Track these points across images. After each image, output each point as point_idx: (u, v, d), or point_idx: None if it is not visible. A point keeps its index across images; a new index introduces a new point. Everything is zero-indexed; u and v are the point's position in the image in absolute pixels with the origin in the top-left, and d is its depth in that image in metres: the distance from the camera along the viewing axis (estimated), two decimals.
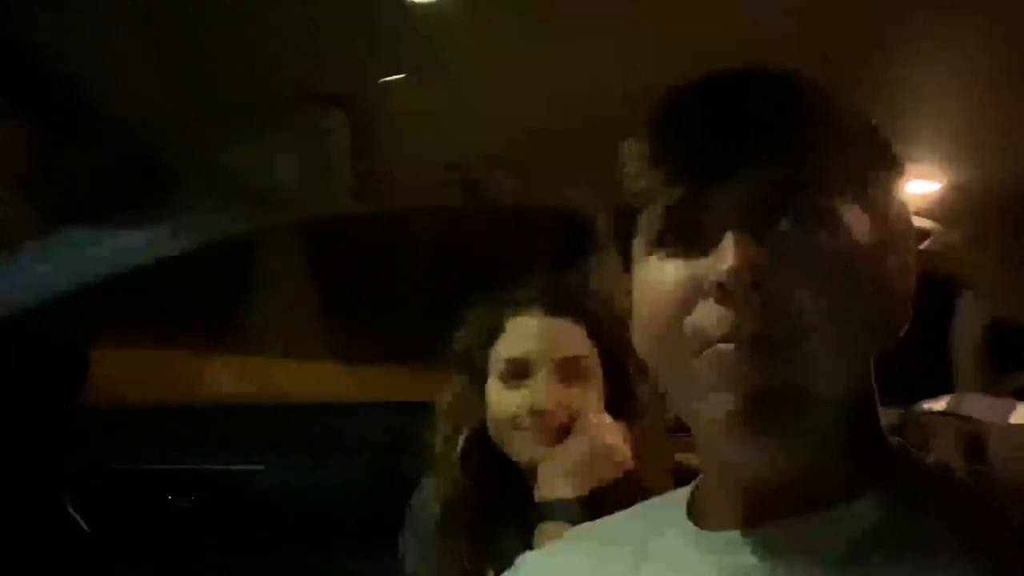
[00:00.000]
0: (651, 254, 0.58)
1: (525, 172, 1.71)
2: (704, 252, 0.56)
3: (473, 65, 1.36)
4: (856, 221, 0.56)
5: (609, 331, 1.25)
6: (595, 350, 1.25)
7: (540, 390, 1.21)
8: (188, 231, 1.68)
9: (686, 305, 0.56)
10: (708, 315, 0.55)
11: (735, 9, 1.19)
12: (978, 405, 1.50)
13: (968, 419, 1.46)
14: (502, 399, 1.23)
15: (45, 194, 1.64)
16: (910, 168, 0.66)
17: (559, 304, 1.25)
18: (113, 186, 1.63)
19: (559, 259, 1.90)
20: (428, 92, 1.43)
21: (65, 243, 1.66)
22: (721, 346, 0.54)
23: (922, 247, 0.62)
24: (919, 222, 1.73)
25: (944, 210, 1.81)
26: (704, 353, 0.55)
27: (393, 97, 1.43)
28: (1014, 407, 1.47)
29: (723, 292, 0.54)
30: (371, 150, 1.56)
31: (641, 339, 0.60)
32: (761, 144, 0.56)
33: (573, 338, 1.24)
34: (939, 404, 1.53)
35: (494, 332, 1.26)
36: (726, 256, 0.54)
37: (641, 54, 1.29)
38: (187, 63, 1.36)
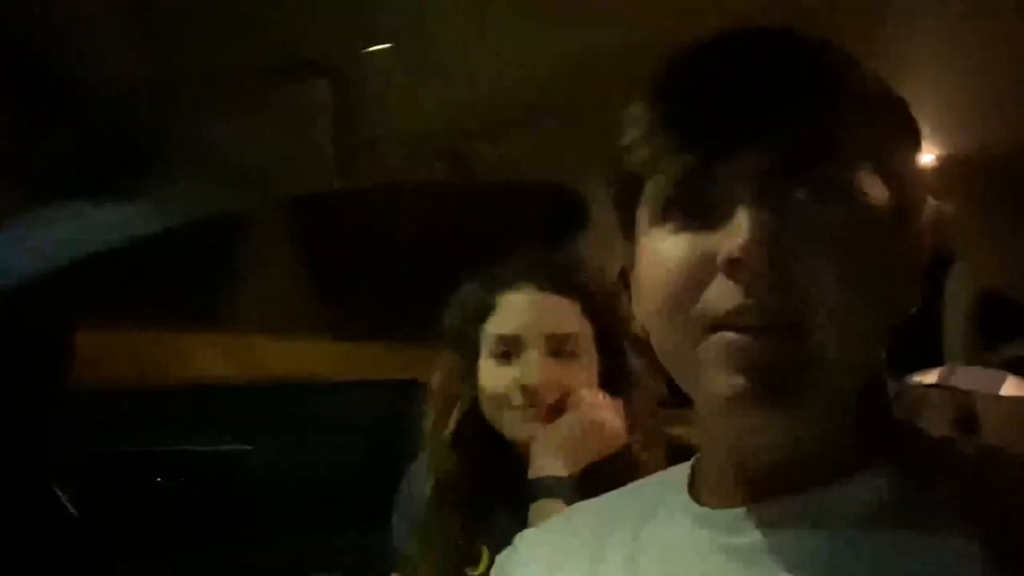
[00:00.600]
0: (658, 226, 0.56)
1: (515, 144, 1.69)
2: (714, 225, 0.54)
3: (460, 35, 1.33)
4: (874, 194, 0.54)
5: (602, 306, 1.24)
6: (588, 326, 1.23)
7: (531, 366, 1.20)
8: (171, 208, 1.65)
9: (695, 281, 0.54)
10: (719, 292, 0.53)
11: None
12: (969, 377, 1.51)
13: (959, 391, 1.46)
14: (494, 376, 1.22)
15: (24, 172, 1.61)
16: None
17: (550, 280, 1.24)
18: (94, 163, 1.60)
19: (551, 234, 1.89)
20: (414, 62, 1.40)
21: (45, 222, 1.63)
22: (730, 333, 0.52)
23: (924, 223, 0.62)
24: None
25: (935, 182, 1.81)
26: (714, 336, 0.53)
27: (378, 68, 1.40)
28: (1005, 379, 1.47)
29: (736, 268, 0.52)
30: (356, 123, 1.54)
31: (646, 313, 0.58)
32: (776, 112, 0.53)
33: (565, 314, 1.23)
34: (930, 376, 1.53)
35: (485, 309, 1.25)
36: (740, 230, 0.52)
37: (636, 18, 1.26)
38: (168, 36, 1.34)
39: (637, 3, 1.25)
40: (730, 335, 0.52)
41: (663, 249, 0.55)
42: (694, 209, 0.54)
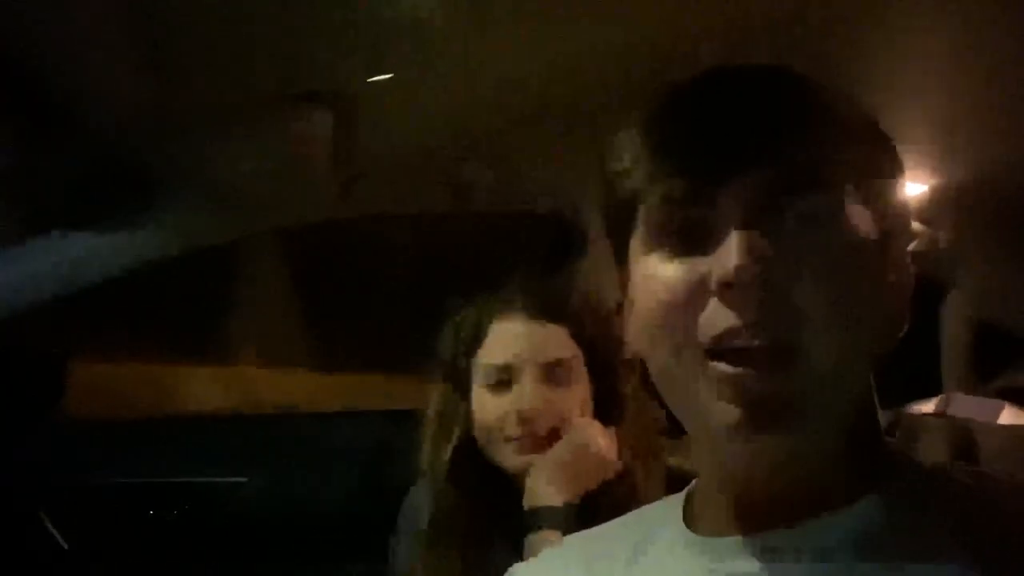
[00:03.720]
0: (651, 251, 0.57)
1: (513, 169, 1.69)
2: (706, 250, 0.55)
3: (460, 64, 1.34)
4: (860, 219, 0.56)
5: (594, 332, 1.24)
6: (580, 352, 1.23)
7: (525, 395, 1.19)
8: (169, 237, 1.65)
9: (689, 305, 0.55)
10: (713, 315, 0.54)
11: (721, 5, 1.18)
12: (967, 406, 1.51)
13: (957, 420, 1.46)
14: (488, 406, 1.21)
15: (20, 199, 1.61)
16: None
17: (542, 307, 1.24)
18: (91, 191, 1.60)
19: (545, 261, 1.88)
20: (413, 91, 1.41)
21: (41, 250, 1.63)
22: (725, 364, 0.53)
23: (908, 248, 0.62)
24: None
25: (929, 211, 1.81)
26: (710, 366, 0.54)
27: (378, 97, 1.41)
28: (1003, 407, 1.48)
29: (730, 291, 0.53)
30: (357, 150, 1.54)
31: (641, 338, 0.59)
32: (765, 141, 0.55)
33: (557, 341, 1.22)
34: (928, 406, 1.53)
35: (477, 338, 1.24)
36: (732, 255, 0.53)
37: (626, 47, 1.28)
38: (167, 64, 1.34)
39: (633, 32, 1.26)
40: (726, 366, 0.53)
41: (657, 274, 0.56)
42: (687, 234, 0.55)
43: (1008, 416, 1.47)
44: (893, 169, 0.61)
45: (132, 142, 1.50)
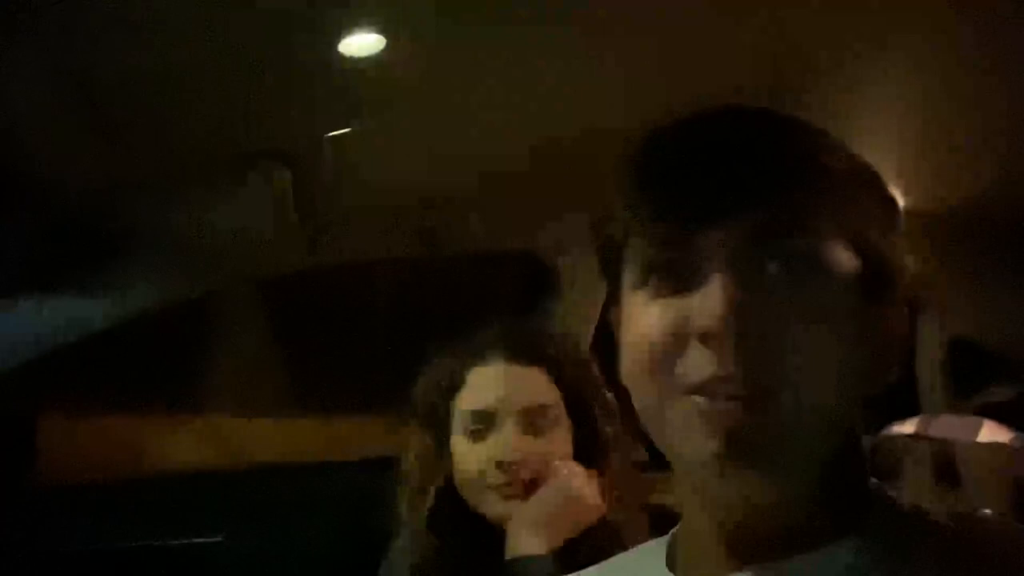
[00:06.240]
0: (638, 291, 0.57)
1: (480, 216, 1.69)
2: (690, 292, 0.55)
3: (418, 113, 1.34)
4: (846, 265, 0.55)
5: (573, 375, 1.23)
6: (560, 396, 1.22)
7: (505, 442, 1.17)
8: (135, 296, 1.64)
9: (672, 348, 0.55)
10: (694, 360, 0.54)
11: (692, 41, 1.19)
12: (946, 425, 1.51)
13: (937, 441, 1.46)
14: (468, 454, 1.20)
15: None
16: None
17: (520, 351, 1.22)
18: (56, 255, 1.58)
19: (521, 304, 1.88)
20: (373, 143, 1.41)
21: (9, 314, 1.60)
22: (703, 399, 0.53)
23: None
24: None
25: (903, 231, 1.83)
26: (689, 400, 0.54)
27: (339, 150, 1.41)
28: (981, 425, 1.48)
29: (710, 339, 0.53)
30: (320, 203, 1.54)
31: (628, 376, 0.59)
32: (747, 185, 0.55)
33: (536, 385, 1.21)
34: (908, 427, 1.53)
35: (455, 384, 1.23)
36: (713, 302, 0.53)
37: (599, 96, 1.28)
38: (125, 127, 1.34)
39: (597, 84, 1.27)
40: (703, 401, 0.53)
41: (643, 314, 0.57)
42: (672, 276, 0.56)
43: (987, 433, 1.47)
44: (885, 218, 0.59)
45: (96, 206, 1.49)
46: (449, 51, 1.19)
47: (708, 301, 0.53)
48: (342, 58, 1.17)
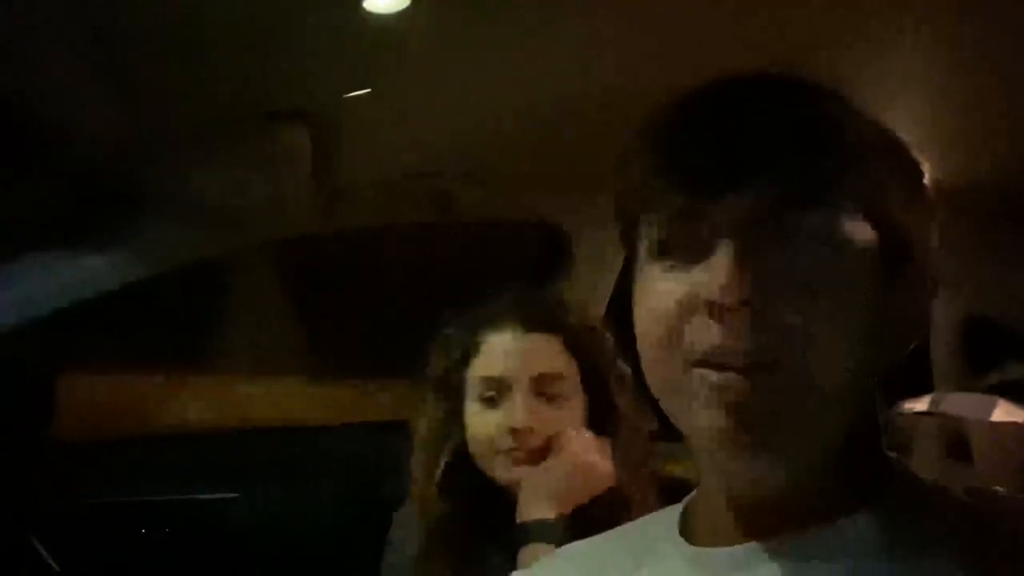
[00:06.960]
0: (652, 263, 0.57)
1: (496, 183, 1.69)
2: (702, 263, 0.54)
3: (438, 76, 1.33)
4: (863, 238, 0.54)
5: (586, 344, 1.23)
6: (573, 364, 1.22)
7: (518, 408, 1.18)
8: (153, 255, 1.64)
9: (682, 319, 0.55)
10: (701, 330, 0.54)
11: (709, 11, 1.17)
12: (959, 403, 1.51)
13: (951, 418, 1.46)
14: (480, 420, 1.21)
15: (5, 222, 1.60)
16: None
17: (534, 319, 1.23)
18: (75, 212, 1.59)
19: (535, 272, 1.88)
20: (393, 105, 1.40)
21: (28, 270, 1.62)
22: (711, 371, 0.53)
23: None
24: None
25: None
26: (697, 372, 0.54)
27: (358, 111, 1.40)
28: (995, 404, 1.47)
29: (716, 309, 0.53)
30: (337, 166, 1.53)
31: (641, 347, 0.59)
32: (763, 157, 0.54)
33: (550, 354, 1.22)
34: (921, 404, 1.53)
35: (469, 352, 1.23)
36: (719, 273, 0.53)
37: (611, 62, 1.27)
38: (145, 85, 1.33)
39: (615, 46, 1.25)
40: (711, 373, 0.53)
41: (655, 286, 0.57)
42: (685, 249, 0.55)
43: (1001, 412, 1.46)
44: (910, 190, 0.58)
45: (114, 163, 1.49)
46: (474, 9, 1.17)
47: (714, 271, 0.53)
48: (366, 14, 1.15)
